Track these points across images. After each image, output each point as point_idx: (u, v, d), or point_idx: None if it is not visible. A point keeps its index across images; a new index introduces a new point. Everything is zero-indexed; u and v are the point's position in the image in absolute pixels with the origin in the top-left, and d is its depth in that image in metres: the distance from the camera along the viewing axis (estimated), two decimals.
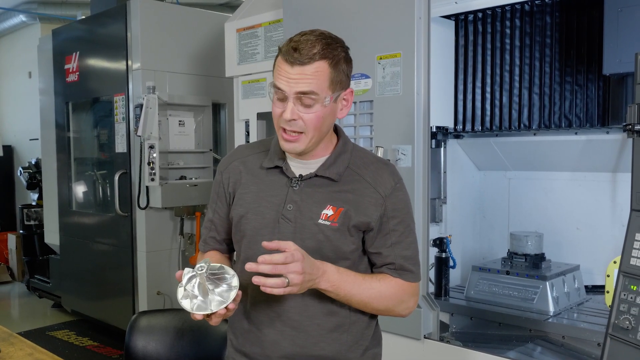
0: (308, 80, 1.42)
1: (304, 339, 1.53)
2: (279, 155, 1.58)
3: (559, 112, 2.86)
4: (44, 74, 6.00)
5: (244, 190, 1.59)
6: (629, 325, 1.78)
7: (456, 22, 3.07)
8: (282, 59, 1.44)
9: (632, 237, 1.85)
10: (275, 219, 1.53)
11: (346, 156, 1.57)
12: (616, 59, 2.43)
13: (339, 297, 1.50)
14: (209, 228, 1.72)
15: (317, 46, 1.42)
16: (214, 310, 1.36)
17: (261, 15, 3.51)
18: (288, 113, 1.44)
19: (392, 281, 1.56)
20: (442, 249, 2.89)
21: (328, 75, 1.44)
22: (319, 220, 1.51)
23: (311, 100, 1.43)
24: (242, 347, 1.61)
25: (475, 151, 3.20)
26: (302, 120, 1.45)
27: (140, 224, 4.74)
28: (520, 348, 2.47)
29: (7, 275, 7.64)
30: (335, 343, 1.55)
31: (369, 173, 1.57)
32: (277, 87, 1.46)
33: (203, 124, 5.06)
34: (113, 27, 4.88)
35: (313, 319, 1.53)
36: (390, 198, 1.55)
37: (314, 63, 1.42)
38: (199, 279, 1.36)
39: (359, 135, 2.77)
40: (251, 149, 1.68)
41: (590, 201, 2.88)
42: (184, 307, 1.38)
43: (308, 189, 1.54)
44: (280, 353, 1.54)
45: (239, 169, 1.63)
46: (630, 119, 1.86)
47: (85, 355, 4.86)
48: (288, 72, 1.43)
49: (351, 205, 1.52)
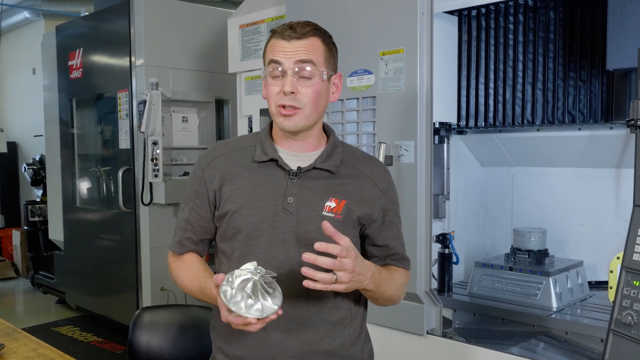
0: (306, 51, 1.48)
1: (312, 335, 1.52)
2: (272, 149, 1.56)
3: (563, 107, 2.85)
4: (48, 71, 6.01)
5: (235, 186, 1.54)
6: (632, 321, 1.78)
7: (459, 18, 3.06)
8: (277, 38, 1.49)
9: (634, 233, 1.84)
10: (273, 212, 1.50)
11: (339, 150, 1.60)
12: (620, 54, 2.42)
13: (375, 295, 1.53)
14: (185, 228, 1.63)
15: (309, 26, 1.50)
16: (268, 314, 1.30)
17: (264, 11, 3.51)
18: (288, 86, 1.46)
19: (400, 271, 1.63)
20: (445, 245, 2.88)
21: (322, 50, 1.51)
22: (323, 212, 1.50)
23: (309, 72, 1.47)
24: (238, 351, 1.55)
25: (478, 147, 3.19)
26: (300, 94, 1.47)
27: (144, 220, 4.75)
28: (524, 344, 2.47)
29: (11, 271, 7.67)
30: (340, 337, 1.56)
31: (365, 167, 1.60)
32: (274, 62, 1.48)
33: (206, 120, 5.06)
34: (117, 23, 4.89)
35: (319, 314, 1.52)
36: (387, 191, 1.61)
37: (309, 38, 1.49)
38: (255, 283, 1.31)
39: (361, 131, 2.77)
40: (234, 144, 1.64)
41: (593, 197, 2.87)
42: (238, 310, 1.30)
43: (307, 181, 1.53)
44: (285, 352, 1.51)
45: (224, 165, 1.58)
46: (633, 115, 1.85)
47: (89, 351, 4.88)
48: (284, 47, 1.48)
49: (352, 197, 1.53)
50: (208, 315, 2.29)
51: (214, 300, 1.46)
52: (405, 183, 2.59)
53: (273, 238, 1.51)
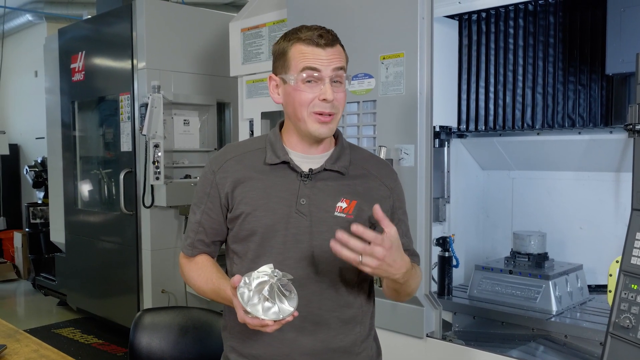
0: (339, 58, 1.52)
1: (325, 333, 1.54)
2: (282, 151, 1.58)
3: (563, 111, 2.86)
4: (50, 73, 6.04)
5: (247, 188, 1.56)
6: (630, 324, 1.78)
7: (460, 22, 3.07)
8: (309, 45, 1.50)
9: (632, 237, 1.85)
10: (287, 214, 1.52)
11: (348, 151, 1.62)
12: (619, 59, 2.44)
13: (401, 287, 1.53)
14: (196, 230, 1.65)
15: (331, 33, 1.54)
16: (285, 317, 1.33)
17: (265, 15, 3.52)
18: (330, 93, 1.48)
19: (416, 267, 1.63)
20: (445, 248, 2.89)
21: (345, 57, 1.57)
22: (335, 213, 1.53)
23: (342, 77, 1.52)
24: (252, 350, 1.58)
25: (478, 151, 3.20)
26: (336, 100, 1.51)
27: (145, 223, 4.76)
28: (523, 347, 2.48)
29: (13, 273, 7.68)
30: (351, 334, 1.58)
31: (372, 167, 1.64)
32: (311, 69, 1.49)
33: (208, 123, 5.08)
34: (119, 26, 4.91)
35: (332, 312, 1.55)
36: (395, 190, 1.65)
37: (337, 46, 1.54)
38: (273, 285, 1.33)
39: (362, 134, 2.78)
40: (244, 147, 1.66)
41: (593, 201, 2.88)
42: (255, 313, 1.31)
43: (319, 182, 1.56)
44: (299, 350, 1.53)
45: (236, 167, 1.59)
46: (631, 119, 1.87)
47: (90, 353, 4.89)
48: (320, 54, 1.49)
49: (363, 197, 1.56)
50: (209, 318, 2.31)
51: (228, 301, 1.48)
52: (405, 186, 2.56)
53: (287, 239, 1.53)
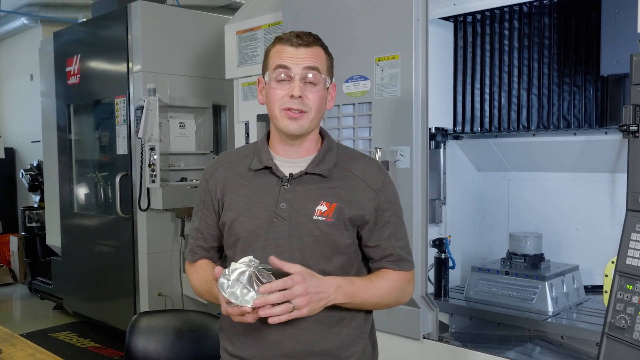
0: (313, 58, 1.55)
1: (306, 336, 1.55)
2: (267, 156, 1.61)
3: (558, 113, 2.87)
4: (46, 77, 6.02)
5: (234, 195, 1.61)
6: (625, 325, 1.79)
7: (455, 24, 3.08)
8: (284, 44, 1.56)
9: (627, 237, 1.86)
10: (268, 219, 1.56)
11: (333, 153, 1.64)
12: (614, 60, 2.44)
13: (355, 306, 1.56)
14: (196, 237, 1.73)
15: (312, 36, 1.59)
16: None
17: (261, 17, 3.53)
18: (297, 90, 1.52)
19: (395, 274, 1.63)
20: (441, 250, 2.90)
21: (325, 59, 1.59)
22: (314, 217, 1.55)
23: (315, 78, 1.54)
24: (239, 352, 1.61)
25: (474, 152, 3.21)
26: (307, 99, 1.54)
27: (142, 226, 4.75)
28: (519, 348, 2.48)
29: (9, 277, 7.65)
30: (337, 338, 1.58)
31: (357, 168, 1.63)
32: (282, 67, 1.54)
33: (203, 126, 5.08)
34: (114, 29, 4.91)
35: (314, 315, 1.54)
36: (382, 191, 1.62)
37: (315, 47, 1.57)
38: (250, 274, 1.38)
39: (357, 136, 2.79)
40: (235, 154, 1.72)
41: (589, 201, 2.89)
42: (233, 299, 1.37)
43: (299, 186, 1.58)
44: (281, 352, 1.55)
45: (225, 175, 1.65)
46: (625, 120, 1.87)
47: (86, 357, 4.87)
48: (292, 53, 1.54)
49: (344, 200, 1.57)
50: (205, 320, 2.30)
51: (218, 300, 1.51)
52: (401, 188, 2.58)
53: (268, 244, 1.56)
